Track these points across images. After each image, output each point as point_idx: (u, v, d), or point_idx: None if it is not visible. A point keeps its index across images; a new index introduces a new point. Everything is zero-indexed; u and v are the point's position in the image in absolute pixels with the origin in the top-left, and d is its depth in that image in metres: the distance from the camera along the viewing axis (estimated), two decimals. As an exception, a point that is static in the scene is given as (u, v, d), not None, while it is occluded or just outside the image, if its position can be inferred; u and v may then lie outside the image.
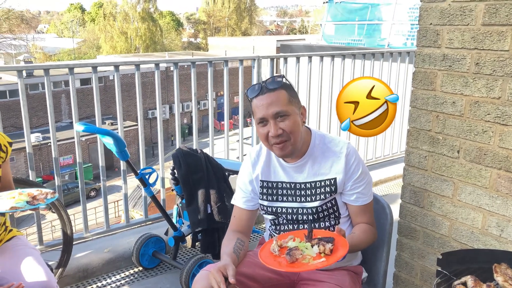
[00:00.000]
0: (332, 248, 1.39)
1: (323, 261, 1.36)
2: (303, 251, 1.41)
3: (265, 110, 1.55)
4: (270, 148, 1.62)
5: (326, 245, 1.39)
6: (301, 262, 1.38)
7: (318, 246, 1.40)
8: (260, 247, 1.50)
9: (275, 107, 1.54)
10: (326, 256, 1.38)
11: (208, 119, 3.37)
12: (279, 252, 1.44)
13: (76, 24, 54.71)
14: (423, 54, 1.85)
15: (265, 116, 1.56)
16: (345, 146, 1.64)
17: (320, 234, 1.49)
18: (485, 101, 1.68)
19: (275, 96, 1.55)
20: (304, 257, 1.39)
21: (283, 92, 1.58)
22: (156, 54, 35.54)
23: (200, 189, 2.57)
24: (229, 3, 52.32)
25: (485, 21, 1.64)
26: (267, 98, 1.56)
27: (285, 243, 1.47)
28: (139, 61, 2.92)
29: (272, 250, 1.46)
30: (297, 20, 75.77)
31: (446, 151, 1.83)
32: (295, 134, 1.57)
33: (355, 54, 4.08)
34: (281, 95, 1.56)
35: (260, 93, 1.57)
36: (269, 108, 1.55)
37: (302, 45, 12.27)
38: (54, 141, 2.67)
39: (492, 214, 1.72)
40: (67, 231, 2.52)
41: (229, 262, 1.48)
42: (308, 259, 1.38)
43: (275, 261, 1.41)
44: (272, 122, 1.55)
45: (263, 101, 1.56)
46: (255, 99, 1.59)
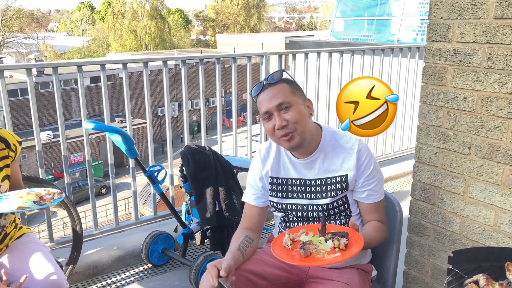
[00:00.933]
0: (347, 243, 1.37)
1: (338, 255, 1.34)
2: (317, 245, 1.38)
3: (268, 104, 1.56)
4: (278, 142, 1.61)
5: (341, 240, 1.37)
6: (315, 256, 1.36)
7: (333, 241, 1.38)
8: (272, 241, 1.48)
9: (277, 99, 1.55)
10: (341, 251, 1.36)
11: (217, 116, 3.37)
12: (291, 246, 1.42)
13: (86, 22, 55.06)
14: (433, 49, 1.82)
15: (269, 110, 1.56)
16: (356, 143, 1.62)
17: (333, 229, 1.46)
18: (497, 96, 1.65)
19: (276, 89, 1.57)
20: (318, 251, 1.37)
21: (284, 85, 1.59)
22: (165, 52, 35.64)
23: (209, 187, 2.57)
24: (237, 0, 52.26)
25: (497, 14, 1.61)
26: (268, 93, 1.57)
27: (298, 237, 1.45)
28: (147, 58, 2.92)
29: (284, 243, 1.44)
30: (306, 16, 75.48)
31: (457, 148, 1.80)
32: (301, 124, 1.56)
33: (364, 50, 4.05)
34: (281, 88, 1.57)
35: (262, 89, 1.59)
36: (271, 101, 1.55)
37: (310, 41, 12.21)
38: (64, 139, 2.69)
39: (505, 211, 1.69)
40: (76, 229, 2.53)
41: (228, 259, 1.48)
42: (322, 253, 1.36)
43: (288, 255, 1.39)
44: (276, 114, 1.55)
45: (265, 96, 1.57)
46: (258, 96, 1.60)
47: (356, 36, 12.81)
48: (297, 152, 1.64)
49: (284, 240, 1.45)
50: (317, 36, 23.81)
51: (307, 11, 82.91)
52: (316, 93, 3.77)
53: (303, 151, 1.63)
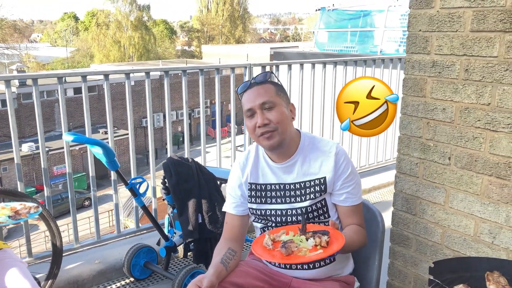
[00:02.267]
0: (328, 240, 1.37)
1: (320, 252, 1.33)
2: (298, 244, 1.38)
3: (253, 101, 1.58)
4: (258, 141, 1.62)
5: (322, 237, 1.37)
6: (297, 254, 1.35)
7: (314, 239, 1.38)
8: (253, 242, 1.47)
9: (261, 97, 1.58)
10: (323, 248, 1.35)
11: (201, 126, 3.36)
12: (272, 246, 1.41)
13: (70, 33, 54.67)
14: (413, 61, 1.85)
15: (252, 107, 1.58)
16: (334, 146, 1.64)
17: (314, 228, 1.46)
18: (475, 107, 1.67)
19: (262, 89, 1.60)
20: (299, 249, 1.36)
21: (270, 86, 1.62)
22: (149, 63, 35.53)
23: (191, 199, 2.55)
24: (222, 11, 52.52)
25: (473, 27, 1.64)
26: (254, 91, 1.60)
27: (278, 238, 1.45)
28: (129, 69, 2.90)
29: (265, 244, 1.43)
30: (291, 27, 76.15)
31: (437, 158, 1.82)
32: (283, 125, 1.58)
33: (346, 61, 4.09)
34: (267, 88, 1.60)
35: (248, 87, 1.62)
36: (256, 99, 1.58)
37: (295, 52, 12.31)
38: (44, 152, 2.64)
39: (484, 221, 1.71)
40: (56, 243, 2.48)
41: (207, 275, 1.47)
42: (304, 251, 1.35)
43: (269, 254, 1.38)
44: (259, 112, 1.57)
45: (250, 94, 1.60)
46: (244, 94, 1.62)
47: (340, 47, 12.95)
48: (275, 154, 1.65)
49: (264, 240, 1.44)
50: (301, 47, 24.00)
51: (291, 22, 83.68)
52: (300, 103, 3.79)
53: (282, 154, 1.64)
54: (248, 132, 1.67)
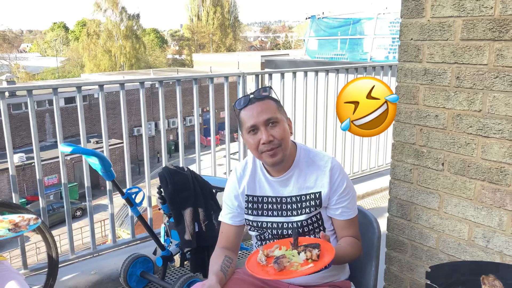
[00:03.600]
0: (319, 253, 1.39)
1: (311, 266, 1.36)
2: (290, 258, 1.40)
3: (256, 118, 1.57)
4: (260, 157, 1.62)
5: (312, 251, 1.39)
6: (289, 269, 1.37)
7: (305, 253, 1.40)
8: (247, 259, 1.49)
9: (265, 114, 1.57)
10: (314, 262, 1.37)
11: (194, 135, 3.37)
12: (266, 262, 1.43)
13: (60, 43, 54.48)
14: (405, 69, 1.88)
15: (256, 124, 1.57)
16: (329, 161, 1.65)
17: (305, 241, 1.48)
18: (467, 114, 1.71)
19: (264, 105, 1.59)
20: (291, 264, 1.38)
21: (271, 102, 1.62)
22: (140, 71, 35.49)
23: (188, 208, 2.55)
24: (213, 20, 52.72)
25: (463, 36, 1.68)
26: (256, 107, 1.58)
27: (272, 253, 1.46)
28: (124, 80, 2.91)
29: (259, 260, 1.44)
30: (281, 35, 76.59)
31: (431, 164, 1.85)
32: (286, 141, 1.59)
33: (338, 69, 4.13)
34: (269, 104, 1.60)
35: (249, 103, 1.60)
36: (259, 116, 1.57)
37: (286, 60, 12.39)
38: (39, 163, 2.64)
39: (478, 225, 1.74)
40: (52, 254, 2.47)
41: (214, 282, 1.47)
42: (296, 266, 1.37)
43: (263, 270, 1.40)
44: (263, 129, 1.56)
45: (253, 110, 1.58)
46: (243, 110, 1.61)
47: (330, 54, 13.07)
48: (274, 169, 1.66)
49: (258, 256, 1.46)
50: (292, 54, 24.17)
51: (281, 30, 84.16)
52: (293, 111, 3.82)
53: (280, 168, 1.65)
54: (248, 148, 1.67)
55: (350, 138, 4.38)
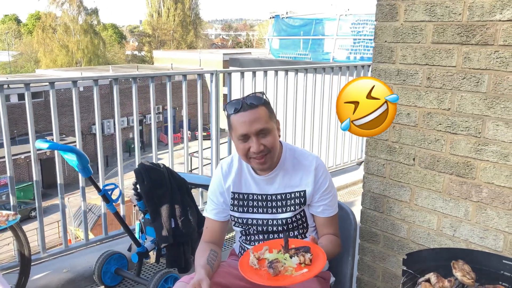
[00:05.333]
0: (312, 258, 1.43)
1: (306, 272, 1.39)
2: (284, 262, 1.42)
3: (248, 127, 1.58)
4: (248, 162, 1.67)
5: (305, 255, 1.42)
6: (284, 274, 1.39)
7: (298, 256, 1.43)
8: (239, 262, 1.50)
9: (257, 124, 1.59)
10: (307, 266, 1.40)
11: (158, 133, 3.37)
12: (258, 265, 1.45)
13: (12, 36, 52.16)
14: (379, 69, 1.99)
15: (248, 133, 1.59)
16: (314, 160, 1.72)
17: (294, 243, 1.51)
18: (437, 112, 1.83)
19: (257, 113, 1.60)
20: (286, 269, 1.40)
21: (264, 109, 1.62)
22: (98, 68, 34.56)
23: (164, 204, 2.57)
24: (174, 16, 52.06)
25: (434, 39, 1.80)
26: (249, 115, 1.59)
27: (262, 255, 1.48)
28: (76, 77, 2.84)
29: (251, 263, 1.46)
30: (242, 34, 76.67)
31: (403, 159, 1.97)
32: (275, 149, 1.64)
33: (307, 69, 4.25)
34: (262, 112, 1.61)
35: (241, 109, 1.60)
36: (252, 125, 1.58)
37: (250, 59, 12.46)
38: (10, 160, 2.57)
39: (446, 216, 1.87)
40: (24, 252, 2.42)
41: (203, 276, 1.49)
42: (290, 270, 1.40)
43: (258, 275, 1.41)
44: (254, 139, 1.59)
45: (245, 118, 1.59)
46: (234, 115, 1.61)
47: (293, 54, 13.25)
48: (263, 170, 1.71)
49: (250, 260, 1.47)
50: (254, 53, 24.30)
51: (243, 29, 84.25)
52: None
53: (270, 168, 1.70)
54: (237, 151, 1.67)
55: (318, 135, 4.50)
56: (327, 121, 4.54)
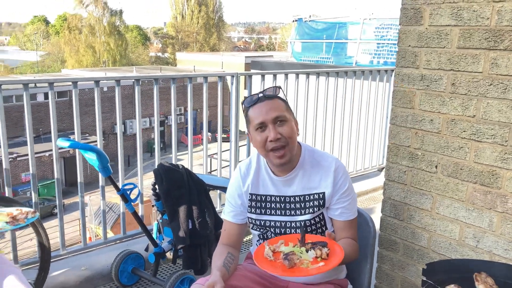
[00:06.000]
0: (329, 252, 1.40)
1: (323, 265, 1.37)
2: (299, 256, 1.40)
3: (265, 115, 1.60)
4: (266, 156, 1.64)
5: (322, 250, 1.40)
6: (300, 267, 1.37)
7: (314, 250, 1.41)
8: (254, 253, 1.50)
9: (274, 112, 1.60)
10: (324, 261, 1.38)
11: (179, 134, 3.38)
12: (273, 257, 1.44)
13: (40, 36, 53.46)
14: (402, 74, 1.95)
15: (265, 121, 1.60)
16: (334, 161, 1.69)
17: (311, 238, 1.49)
18: (461, 119, 1.78)
19: (274, 103, 1.62)
20: (301, 261, 1.39)
21: (280, 101, 1.65)
22: (123, 69, 35.09)
23: (182, 205, 2.57)
24: (197, 19, 52.53)
25: (460, 44, 1.76)
26: (266, 105, 1.61)
27: (278, 248, 1.47)
28: (99, 77, 2.88)
29: (266, 255, 1.45)
30: (265, 37, 76.80)
31: (425, 166, 1.92)
32: (293, 140, 1.62)
33: (328, 72, 4.21)
34: (279, 103, 1.63)
35: (258, 101, 1.63)
36: (268, 113, 1.60)
37: (272, 62, 12.46)
38: (32, 157, 2.62)
39: (469, 226, 1.81)
40: (44, 249, 2.46)
41: (218, 278, 1.48)
42: (306, 263, 1.38)
43: (272, 266, 1.40)
44: (271, 127, 1.59)
45: (261, 108, 1.61)
46: (252, 107, 1.63)
47: (316, 58, 13.19)
48: (279, 168, 1.69)
49: (265, 252, 1.46)
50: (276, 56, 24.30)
51: (265, 32, 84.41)
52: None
53: (285, 168, 1.68)
54: (255, 146, 1.68)
55: (338, 141, 4.46)
56: (348, 125, 4.49)
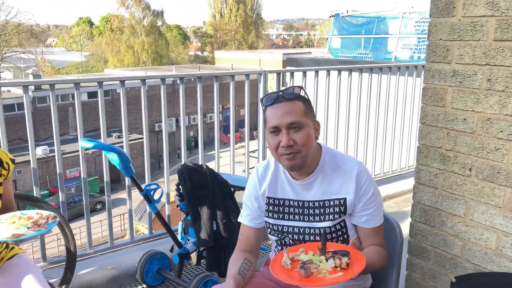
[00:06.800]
0: (349, 262, 1.31)
1: (341, 275, 1.28)
2: (318, 264, 1.33)
3: (280, 119, 1.50)
4: (278, 159, 1.56)
5: (342, 259, 1.31)
6: (316, 276, 1.30)
7: (334, 260, 1.32)
8: (271, 261, 1.43)
9: (290, 117, 1.49)
10: (343, 271, 1.30)
11: (214, 131, 3.36)
12: (291, 265, 1.37)
13: (85, 37, 55.39)
14: (433, 70, 1.82)
15: (279, 125, 1.50)
16: (356, 165, 1.58)
17: (333, 247, 1.41)
18: (498, 118, 1.64)
19: (291, 106, 1.51)
20: (319, 271, 1.31)
21: (300, 104, 1.53)
22: (163, 68, 35.79)
23: (206, 206, 2.53)
24: (236, 17, 52.78)
25: (496, 36, 1.61)
26: (283, 107, 1.51)
27: (297, 256, 1.40)
28: (145, 76, 2.91)
29: (283, 263, 1.38)
30: (303, 33, 76.20)
31: (458, 169, 1.78)
32: (307, 148, 1.52)
33: (362, 69, 4.06)
34: (297, 106, 1.51)
35: (276, 101, 1.52)
36: (283, 117, 1.49)
37: (308, 58, 12.29)
38: (59, 157, 2.65)
39: (507, 234, 1.66)
40: (70, 248, 2.49)
41: (231, 287, 1.42)
42: (324, 273, 1.30)
43: (288, 275, 1.33)
44: (284, 132, 1.49)
45: (278, 110, 1.51)
46: (270, 107, 1.53)
47: (353, 53, 12.90)
48: (295, 172, 1.60)
49: (283, 259, 1.39)
50: (314, 53, 24.00)
51: (304, 28, 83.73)
52: (315, 111, 3.76)
53: (302, 171, 1.59)
54: (268, 147, 1.60)
55: (373, 140, 4.30)
56: (383, 123, 4.32)
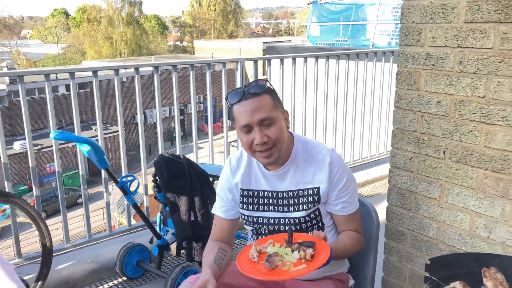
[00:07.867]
0: (313, 253, 1.32)
1: (304, 268, 1.29)
2: (283, 257, 1.33)
3: (250, 117, 1.45)
4: (254, 156, 1.54)
5: (306, 251, 1.32)
6: (281, 269, 1.31)
7: (299, 252, 1.33)
8: (238, 255, 1.42)
9: (260, 113, 1.45)
10: (307, 262, 1.30)
11: (199, 122, 3.33)
12: (258, 258, 1.37)
13: (61, 29, 54.16)
14: (406, 53, 1.81)
15: (249, 123, 1.46)
16: (328, 154, 1.56)
17: (301, 237, 1.41)
18: (470, 100, 1.64)
19: (259, 102, 1.46)
20: (284, 263, 1.32)
21: (267, 97, 1.48)
22: (141, 58, 35.25)
23: (184, 196, 2.51)
24: (214, 6, 52.26)
25: (467, 18, 1.61)
26: (250, 104, 1.46)
27: (265, 249, 1.40)
28: (118, 65, 2.84)
29: (250, 256, 1.38)
30: (283, 22, 75.93)
31: (432, 152, 1.79)
32: (281, 141, 1.49)
33: (339, 55, 4.05)
34: (265, 100, 1.47)
35: (242, 98, 1.47)
36: (253, 115, 1.45)
37: (287, 46, 12.25)
38: (31, 152, 2.59)
39: (480, 215, 1.68)
40: (46, 243, 2.44)
41: (209, 276, 1.40)
42: (288, 265, 1.31)
43: (254, 268, 1.34)
44: (257, 130, 1.46)
45: (246, 107, 1.46)
46: (236, 105, 1.48)
47: (332, 41, 12.90)
48: (270, 164, 1.59)
49: (250, 252, 1.39)
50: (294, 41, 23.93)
51: (283, 16, 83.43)
52: (292, 99, 3.75)
53: (276, 162, 1.58)
54: (241, 145, 1.57)
55: (351, 126, 4.32)
56: (361, 109, 4.34)
